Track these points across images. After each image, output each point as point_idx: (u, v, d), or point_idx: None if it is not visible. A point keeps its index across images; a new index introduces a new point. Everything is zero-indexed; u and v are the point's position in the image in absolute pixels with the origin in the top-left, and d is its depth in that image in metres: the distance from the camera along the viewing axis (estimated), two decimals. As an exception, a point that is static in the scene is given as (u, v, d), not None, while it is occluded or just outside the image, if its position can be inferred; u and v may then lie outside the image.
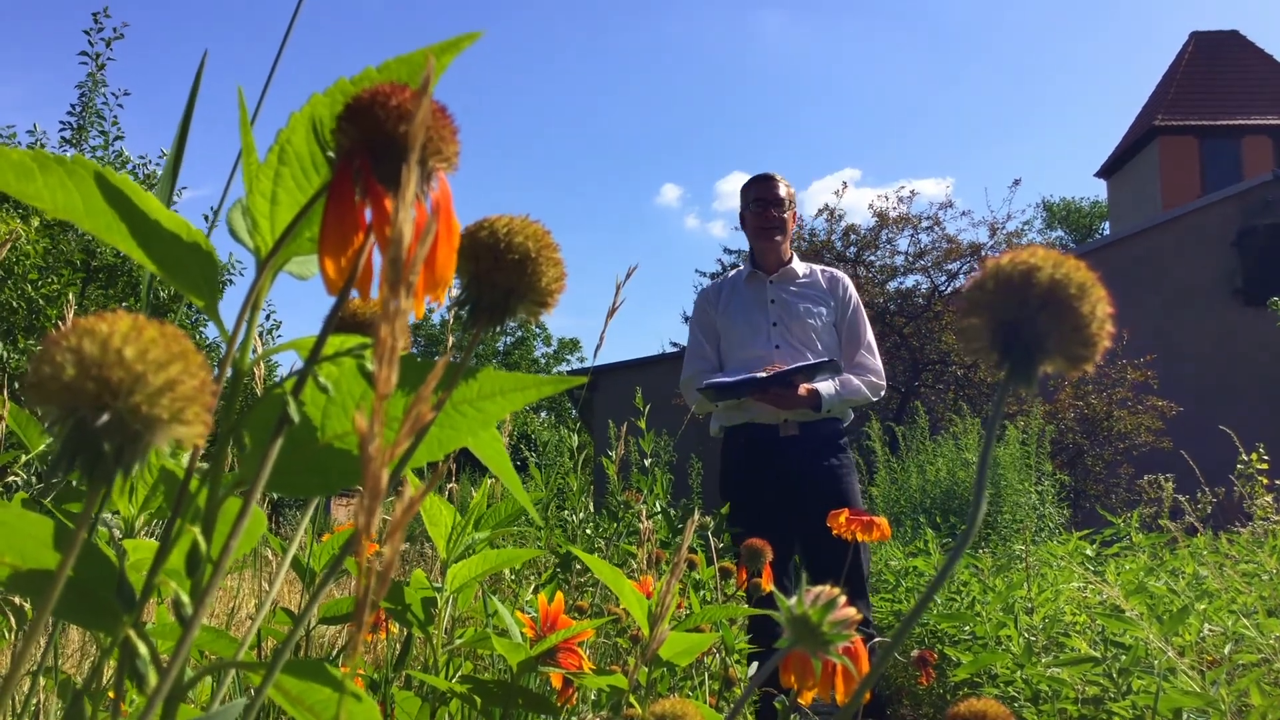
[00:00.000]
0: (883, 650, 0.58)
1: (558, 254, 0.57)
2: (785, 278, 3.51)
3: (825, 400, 3.25)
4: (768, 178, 3.56)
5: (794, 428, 3.31)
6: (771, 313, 3.45)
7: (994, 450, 4.98)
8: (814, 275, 3.55)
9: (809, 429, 3.32)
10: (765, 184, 3.54)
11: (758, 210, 3.52)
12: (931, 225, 14.90)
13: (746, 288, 3.54)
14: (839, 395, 3.30)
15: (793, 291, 3.48)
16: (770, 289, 3.50)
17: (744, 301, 3.51)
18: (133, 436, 0.34)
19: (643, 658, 1.10)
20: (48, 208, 0.50)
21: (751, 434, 3.37)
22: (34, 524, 0.49)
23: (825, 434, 3.34)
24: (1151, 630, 2.41)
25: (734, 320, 3.49)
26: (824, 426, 3.34)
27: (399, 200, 0.35)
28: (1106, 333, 0.52)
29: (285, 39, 0.83)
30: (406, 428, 0.32)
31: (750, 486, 3.35)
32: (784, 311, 3.44)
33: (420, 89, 0.36)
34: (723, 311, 3.53)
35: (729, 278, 3.67)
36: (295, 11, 0.83)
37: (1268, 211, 14.99)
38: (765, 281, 3.51)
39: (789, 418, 3.30)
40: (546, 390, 0.58)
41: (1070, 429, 11.93)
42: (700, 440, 10.58)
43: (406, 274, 0.34)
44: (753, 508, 3.30)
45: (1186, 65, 19.73)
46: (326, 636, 2.67)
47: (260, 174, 0.53)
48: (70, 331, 0.35)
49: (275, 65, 0.83)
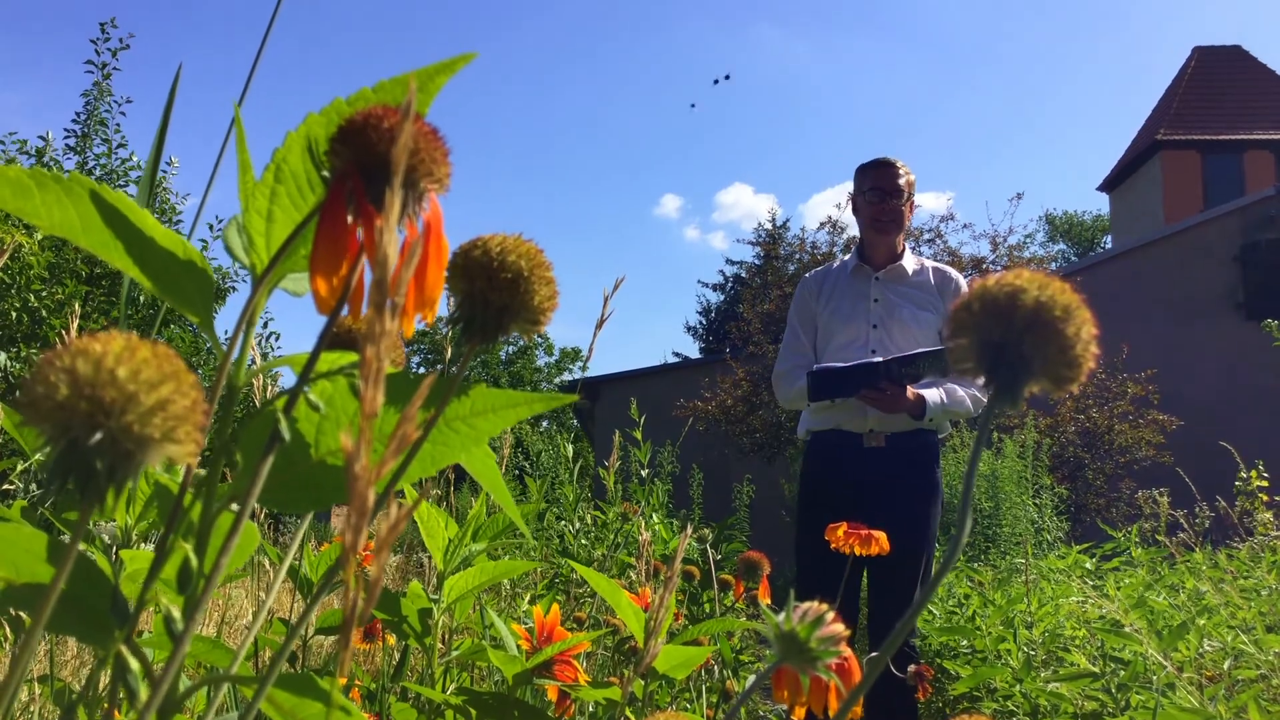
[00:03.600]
0: (871, 663, 0.58)
1: (550, 273, 0.57)
2: (893, 275, 3.19)
3: (929, 409, 2.93)
4: (888, 164, 3.20)
5: (880, 438, 3.01)
6: (873, 313, 3.14)
7: (993, 464, 4.97)
8: (925, 274, 3.22)
9: (897, 441, 3.02)
10: (884, 170, 3.19)
11: (874, 199, 3.17)
12: (933, 238, 14.92)
13: (850, 281, 3.22)
14: (943, 405, 2.98)
15: (900, 291, 3.17)
16: (875, 286, 3.18)
17: (845, 297, 3.19)
18: (125, 455, 0.35)
19: (637, 670, 1.11)
20: (45, 225, 0.50)
21: (834, 440, 3.07)
22: (28, 538, 0.50)
23: (914, 448, 3.04)
24: (1150, 645, 2.41)
25: (833, 316, 3.18)
26: (914, 439, 3.03)
27: (383, 223, 0.36)
28: (1091, 354, 0.52)
29: (262, 47, 0.84)
30: (393, 447, 0.32)
31: (823, 500, 3.06)
32: (886, 314, 3.13)
33: (403, 114, 0.36)
34: (824, 304, 3.22)
35: (832, 268, 3.34)
36: (273, 16, 0.84)
37: (1270, 226, 15.01)
38: (871, 277, 3.19)
39: (875, 427, 3.00)
40: (538, 407, 0.58)
41: (1071, 442, 11.92)
42: (701, 451, 10.60)
43: (392, 296, 0.34)
44: (820, 523, 2.97)
45: (1189, 80, 19.77)
46: (324, 646, 2.67)
47: (256, 192, 0.54)
48: (64, 351, 0.35)
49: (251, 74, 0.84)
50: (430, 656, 1.44)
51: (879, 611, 2.97)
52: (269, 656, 1.74)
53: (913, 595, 2.84)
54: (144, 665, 0.46)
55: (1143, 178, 19.54)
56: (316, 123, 0.54)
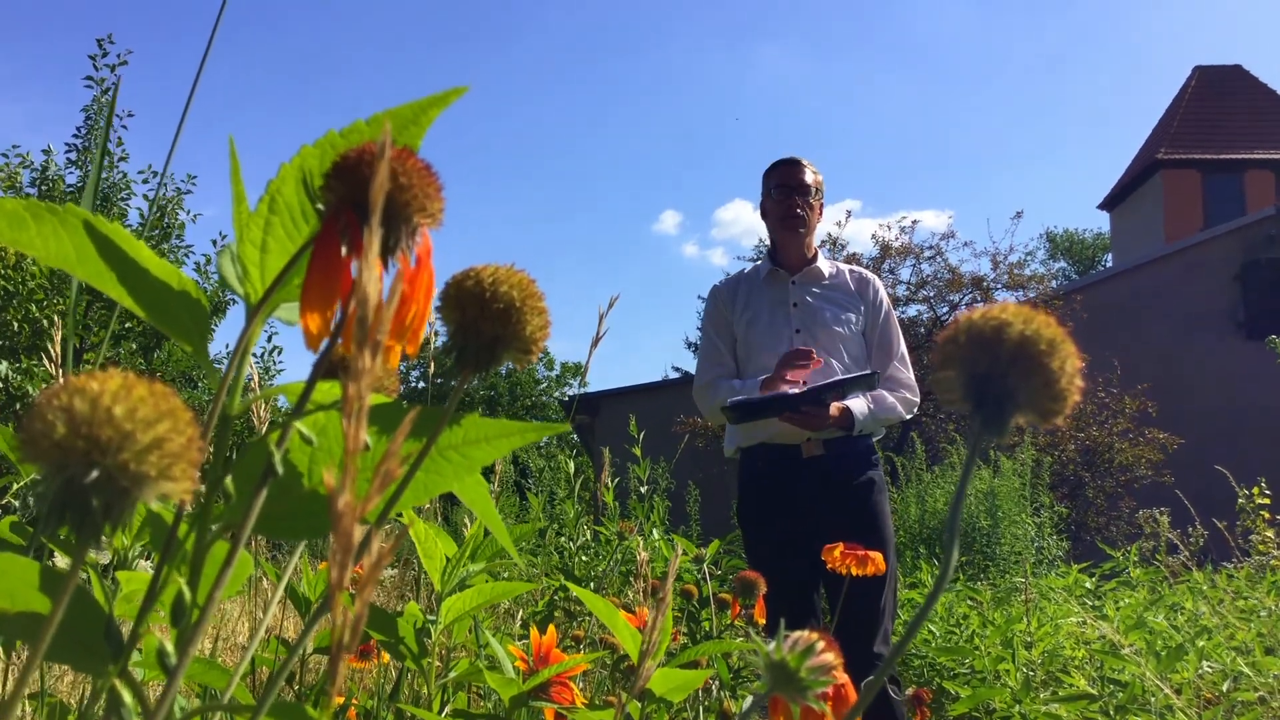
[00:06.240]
0: (867, 686, 0.59)
1: (542, 303, 0.58)
2: (809, 277, 3.13)
3: (858, 421, 2.89)
4: (793, 161, 3.16)
5: (818, 446, 2.95)
6: (794, 318, 3.07)
7: (991, 482, 4.96)
8: (841, 276, 3.17)
9: (835, 446, 2.95)
10: (790, 168, 3.15)
11: (780, 198, 3.13)
12: (934, 255, 14.95)
13: (765, 287, 3.15)
14: (872, 415, 2.95)
15: (817, 294, 3.10)
16: (793, 290, 3.12)
17: (763, 303, 3.12)
18: (121, 492, 0.36)
19: (632, 693, 1.11)
20: (41, 256, 0.51)
21: (770, 455, 3.00)
22: (21, 566, 0.50)
23: (854, 450, 2.98)
24: (1149, 667, 2.41)
25: (753, 324, 3.10)
26: (851, 443, 2.98)
27: (363, 261, 0.37)
28: (1076, 387, 0.53)
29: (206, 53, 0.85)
30: (377, 484, 0.33)
31: (768, 515, 3.00)
32: (808, 317, 3.06)
33: (379, 153, 0.37)
34: (741, 312, 3.14)
35: (745, 274, 3.27)
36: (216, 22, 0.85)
37: (1270, 246, 15.05)
38: (788, 281, 3.13)
39: (813, 436, 2.94)
40: (531, 437, 0.59)
41: (1071, 460, 11.93)
42: (699, 467, 10.60)
43: (374, 333, 0.35)
44: (771, 540, 2.98)
45: (1190, 99, 19.84)
46: (323, 664, 2.67)
47: (251, 223, 0.55)
48: (62, 389, 0.36)
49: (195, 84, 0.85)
50: (427, 677, 1.44)
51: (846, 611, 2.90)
52: (266, 675, 1.74)
53: (880, 592, 2.77)
54: (138, 697, 0.47)
55: (1143, 196, 19.60)
56: (310, 154, 0.54)
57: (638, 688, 0.97)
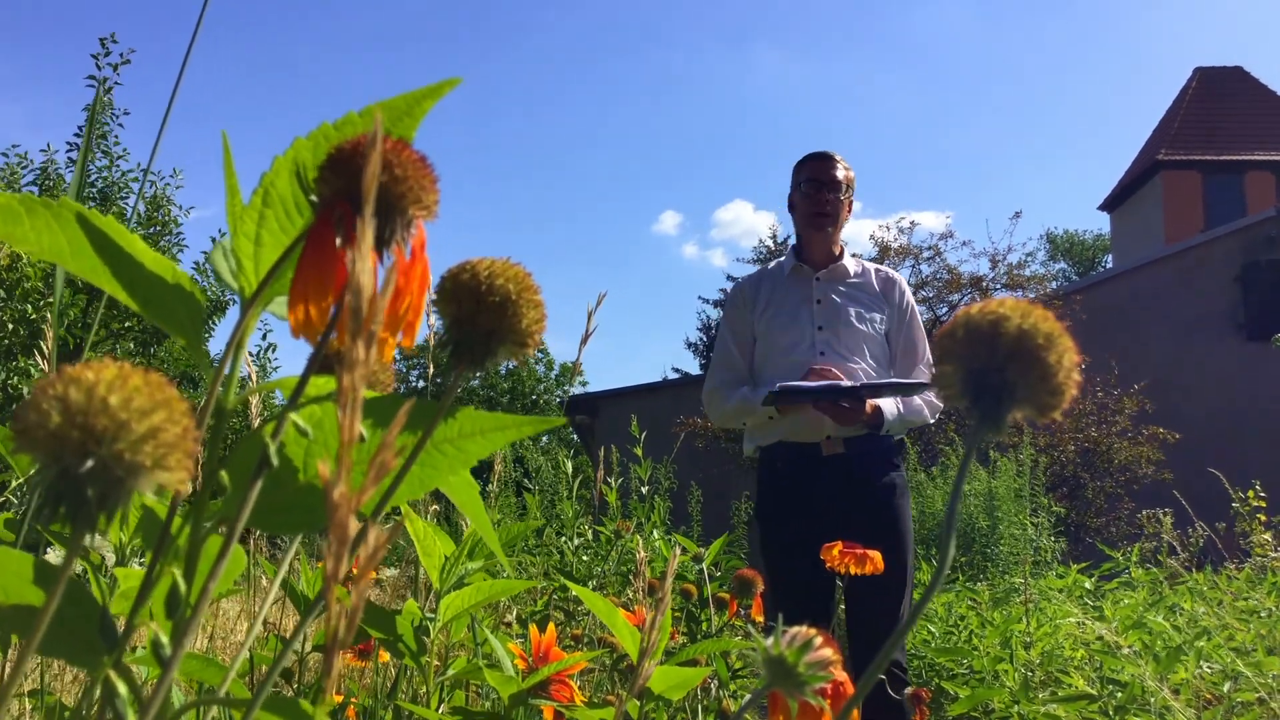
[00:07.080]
0: (861, 682, 0.59)
1: (538, 296, 0.58)
2: (834, 275, 3.06)
3: (888, 421, 2.85)
4: (824, 156, 3.08)
5: (838, 445, 2.88)
6: (817, 315, 3.01)
7: (990, 482, 4.96)
8: (866, 275, 3.10)
9: (857, 444, 2.90)
10: (820, 163, 3.07)
11: (809, 193, 3.05)
12: (933, 255, 14.95)
13: (789, 284, 3.09)
14: (900, 416, 2.90)
15: (842, 292, 3.04)
16: (817, 287, 3.04)
17: (786, 300, 3.06)
18: (116, 482, 0.35)
19: (631, 692, 1.11)
20: (35, 250, 0.51)
21: (789, 454, 2.94)
22: (15, 560, 0.50)
23: (876, 450, 2.92)
24: (1147, 668, 2.41)
25: (773, 321, 3.04)
26: (874, 442, 2.92)
27: (357, 252, 0.36)
28: (1074, 382, 0.53)
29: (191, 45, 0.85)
30: (372, 475, 0.33)
31: (786, 514, 2.94)
32: (831, 315, 3.00)
33: (369, 145, 0.37)
34: (762, 309, 3.08)
35: (768, 270, 3.20)
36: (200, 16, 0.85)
37: (1271, 247, 15.05)
38: (811, 278, 3.06)
39: (833, 434, 2.88)
40: (526, 430, 0.59)
41: (1071, 461, 11.92)
42: (698, 468, 10.59)
43: (368, 324, 0.35)
44: (787, 540, 2.91)
45: (1190, 100, 19.85)
46: (320, 661, 2.66)
47: (245, 216, 0.55)
48: (57, 379, 0.36)
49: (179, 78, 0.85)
50: (426, 675, 1.44)
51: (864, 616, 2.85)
52: (264, 672, 1.74)
53: (900, 597, 2.74)
54: (133, 689, 0.47)
55: (1144, 198, 19.60)
56: (304, 147, 0.54)
57: (637, 686, 0.97)
